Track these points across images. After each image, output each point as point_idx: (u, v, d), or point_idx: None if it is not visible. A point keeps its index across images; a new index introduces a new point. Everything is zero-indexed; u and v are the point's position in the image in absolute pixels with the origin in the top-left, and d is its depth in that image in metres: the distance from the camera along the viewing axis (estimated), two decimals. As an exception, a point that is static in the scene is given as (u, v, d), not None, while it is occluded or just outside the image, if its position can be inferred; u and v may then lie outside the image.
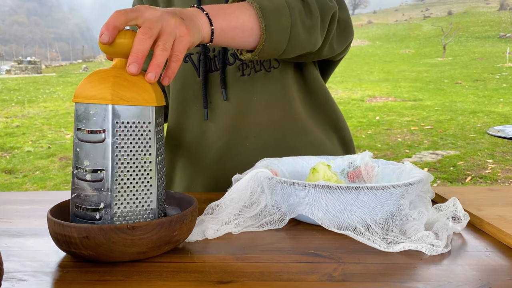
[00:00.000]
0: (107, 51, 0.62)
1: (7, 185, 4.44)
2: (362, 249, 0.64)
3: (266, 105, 1.04)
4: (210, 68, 1.04)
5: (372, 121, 7.37)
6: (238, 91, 1.03)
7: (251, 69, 1.03)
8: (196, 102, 1.05)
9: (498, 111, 7.86)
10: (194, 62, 1.05)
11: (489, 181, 4.17)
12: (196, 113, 1.06)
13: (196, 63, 1.04)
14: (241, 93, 1.03)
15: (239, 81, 1.03)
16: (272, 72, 1.04)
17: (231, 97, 1.03)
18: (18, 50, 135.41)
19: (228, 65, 1.03)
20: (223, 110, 1.03)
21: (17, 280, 0.55)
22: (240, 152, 1.03)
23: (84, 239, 0.56)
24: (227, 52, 1.03)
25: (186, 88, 1.06)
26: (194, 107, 1.06)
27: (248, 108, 1.03)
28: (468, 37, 30.38)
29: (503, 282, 0.54)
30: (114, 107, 0.59)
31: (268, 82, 1.04)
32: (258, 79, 1.03)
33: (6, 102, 11.15)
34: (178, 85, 1.07)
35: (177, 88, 1.07)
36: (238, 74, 1.03)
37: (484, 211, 0.76)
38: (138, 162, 0.61)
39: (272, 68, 1.04)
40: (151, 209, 0.62)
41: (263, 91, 1.04)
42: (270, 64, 1.03)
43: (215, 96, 1.04)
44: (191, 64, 1.05)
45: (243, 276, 0.55)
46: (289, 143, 1.04)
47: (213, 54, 1.03)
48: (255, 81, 1.03)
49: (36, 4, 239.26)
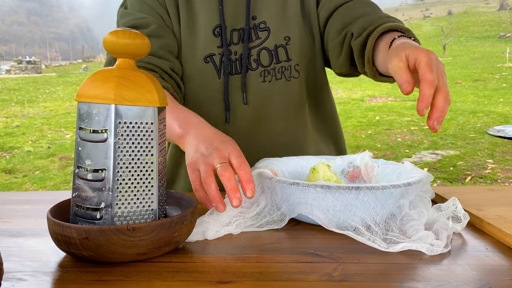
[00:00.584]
0: (112, 51, 0.62)
1: (7, 185, 4.44)
2: (362, 249, 0.64)
3: (283, 112, 1.06)
4: (231, 71, 1.04)
5: (372, 121, 7.36)
6: (257, 97, 1.04)
7: (272, 77, 1.04)
8: (213, 103, 1.05)
9: (498, 111, 7.86)
10: (215, 63, 1.04)
11: (489, 181, 4.17)
12: (212, 114, 1.05)
13: (218, 64, 1.04)
14: (260, 99, 1.04)
15: (259, 87, 1.04)
16: (291, 82, 1.06)
17: (250, 102, 1.04)
18: (18, 50, 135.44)
19: (250, 70, 1.04)
20: (241, 114, 1.04)
21: (17, 280, 0.55)
22: (252, 156, 1.03)
23: (84, 240, 0.56)
24: (250, 57, 1.04)
25: (204, 88, 1.05)
26: (211, 107, 1.05)
27: (265, 114, 1.05)
28: (468, 37, 30.38)
29: (503, 282, 0.54)
30: (117, 107, 0.59)
31: (286, 91, 1.05)
32: (277, 87, 1.05)
33: (6, 102, 11.15)
34: (196, 85, 1.06)
35: (195, 88, 1.06)
36: (259, 80, 1.04)
37: (484, 211, 0.76)
38: (140, 162, 0.61)
39: (292, 78, 1.06)
40: (152, 210, 0.62)
41: (281, 99, 1.05)
42: (291, 74, 1.05)
43: (233, 99, 1.04)
44: (212, 65, 1.04)
45: (243, 276, 0.55)
46: (299, 151, 1.07)
47: (235, 57, 1.04)
48: (275, 89, 1.05)
49: (36, 4, 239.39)
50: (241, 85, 1.03)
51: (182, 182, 1.12)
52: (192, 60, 1.04)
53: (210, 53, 1.03)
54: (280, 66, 1.04)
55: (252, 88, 1.04)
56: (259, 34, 1.04)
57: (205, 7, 1.03)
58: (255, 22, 1.04)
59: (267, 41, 1.04)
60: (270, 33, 1.04)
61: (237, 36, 1.04)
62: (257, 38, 1.04)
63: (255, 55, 1.03)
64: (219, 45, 1.03)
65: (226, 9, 1.03)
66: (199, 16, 1.04)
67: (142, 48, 0.62)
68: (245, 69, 1.03)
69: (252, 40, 1.04)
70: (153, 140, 0.61)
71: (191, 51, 1.04)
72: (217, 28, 1.03)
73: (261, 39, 1.04)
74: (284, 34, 1.04)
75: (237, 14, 1.04)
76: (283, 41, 1.04)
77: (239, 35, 1.04)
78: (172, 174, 1.14)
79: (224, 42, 1.02)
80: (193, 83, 1.06)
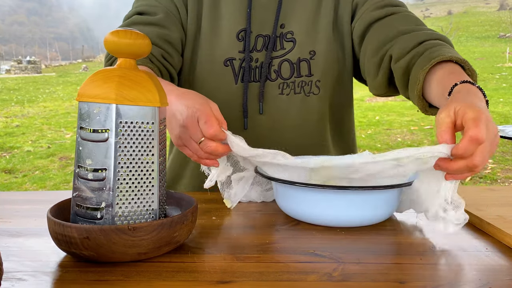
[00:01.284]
0: (113, 51, 0.62)
1: (7, 185, 4.44)
2: (362, 249, 0.64)
3: (298, 127, 1.03)
4: (249, 78, 1.01)
5: (372, 121, 7.36)
6: (273, 108, 1.02)
7: (290, 90, 1.02)
8: (229, 108, 1.01)
9: (497, 111, 7.86)
10: (234, 68, 1.02)
11: (489, 181, 4.17)
12: (227, 118, 1.03)
13: (236, 69, 1.02)
14: (276, 111, 1.02)
15: (276, 99, 1.02)
16: (310, 97, 1.03)
17: (265, 112, 1.02)
18: (18, 50, 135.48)
19: (268, 80, 1.01)
20: (256, 123, 1.02)
21: (16, 280, 0.55)
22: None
23: (85, 239, 0.56)
24: (271, 67, 1.01)
25: (219, 91, 1.02)
26: (226, 112, 1.03)
27: (280, 126, 1.02)
28: (468, 37, 30.37)
29: (502, 282, 0.54)
30: (118, 107, 0.59)
31: (304, 106, 1.03)
32: (295, 101, 1.02)
33: (6, 102, 11.15)
34: (212, 87, 1.03)
35: (210, 89, 1.02)
36: (277, 91, 1.02)
37: (484, 211, 0.76)
38: (140, 162, 0.61)
39: (311, 94, 1.03)
40: (152, 210, 0.62)
41: (298, 114, 1.03)
42: (311, 89, 1.02)
43: (249, 107, 1.02)
44: (231, 69, 1.02)
45: (243, 276, 0.55)
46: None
47: (255, 64, 1.01)
48: (292, 103, 1.02)
49: (36, 4, 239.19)
50: (258, 94, 1.01)
51: (184, 181, 1.11)
52: (211, 62, 1.02)
53: (231, 57, 1.01)
54: (300, 80, 1.02)
55: (268, 99, 1.02)
56: (284, 44, 1.02)
57: (232, 10, 1.02)
58: (283, 31, 1.02)
59: (291, 53, 1.01)
60: (295, 45, 1.01)
61: (261, 43, 1.02)
62: (281, 48, 1.02)
63: (276, 66, 1.01)
64: (240, 50, 1.01)
65: (254, 14, 1.01)
66: (223, 19, 1.02)
67: (144, 48, 0.62)
68: (264, 78, 1.01)
69: (276, 49, 1.02)
70: (154, 140, 0.61)
71: (210, 52, 1.02)
72: (241, 32, 1.01)
73: (285, 49, 1.01)
74: (310, 48, 1.02)
75: (265, 19, 1.02)
76: (308, 55, 1.01)
77: (263, 42, 1.02)
78: (171, 174, 1.13)
79: (247, 47, 1.00)
80: (208, 85, 1.03)
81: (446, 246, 0.66)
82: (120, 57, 0.63)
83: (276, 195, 0.80)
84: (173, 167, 1.13)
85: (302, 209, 0.73)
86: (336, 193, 0.70)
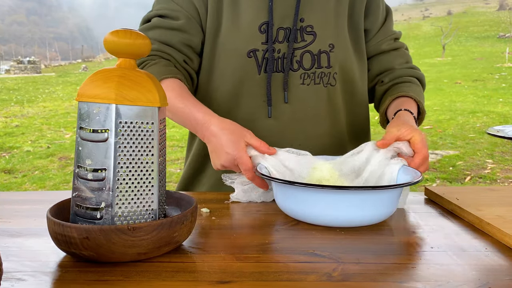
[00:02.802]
0: (113, 51, 0.62)
1: (6, 185, 4.43)
2: (362, 249, 0.64)
3: (316, 117, 1.08)
4: (273, 68, 1.05)
5: (372, 121, 7.36)
6: (295, 97, 1.06)
7: (311, 80, 1.06)
8: (251, 98, 1.06)
9: (497, 111, 7.87)
10: (258, 59, 1.05)
11: (489, 181, 4.17)
12: (252, 107, 1.06)
13: (260, 60, 1.05)
14: (297, 100, 1.06)
15: (298, 89, 1.06)
16: (328, 88, 1.08)
17: (289, 101, 1.06)
18: (17, 50, 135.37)
19: (291, 70, 1.05)
20: (280, 111, 1.06)
21: (16, 280, 0.55)
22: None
23: (85, 239, 0.56)
24: (293, 58, 1.05)
25: (243, 82, 1.06)
26: (250, 101, 1.06)
27: (300, 116, 1.07)
28: (468, 37, 30.40)
29: (502, 282, 0.54)
30: (117, 107, 0.59)
31: (322, 96, 1.08)
32: (314, 91, 1.07)
33: (6, 102, 11.15)
34: (236, 79, 1.06)
35: (234, 82, 1.06)
36: (298, 81, 1.06)
37: (484, 211, 0.76)
38: (140, 162, 0.61)
39: (329, 85, 1.08)
40: (152, 210, 0.62)
41: (316, 104, 1.07)
42: (328, 80, 1.08)
43: (273, 96, 1.06)
44: (254, 60, 1.05)
45: (243, 276, 0.55)
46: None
47: (277, 55, 1.05)
48: (311, 93, 1.07)
49: (36, 4, 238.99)
50: (282, 84, 1.05)
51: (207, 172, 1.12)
52: (233, 54, 1.05)
53: (254, 49, 1.05)
54: (320, 71, 1.07)
55: (291, 88, 1.06)
56: (305, 37, 1.06)
57: (252, 4, 1.05)
58: (302, 25, 1.06)
59: (312, 45, 1.06)
60: (316, 37, 1.06)
61: (282, 35, 1.06)
62: (302, 40, 1.06)
63: (298, 57, 1.05)
64: (263, 41, 1.05)
65: (275, 7, 1.05)
66: (245, 13, 1.05)
67: (143, 48, 0.62)
68: (288, 68, 1.05)
69: (297, 41, 1.06)
70: (153, 140, 0.61)
71: (233, 45, 1.05)
72: (263, 25, 1.05)
73: (306, 41, 1.06)
74: (330, 41, 1.07)
75: (286, 13, 1.06)
76: (327, 48, 1.07)
77: (285, 34, 1.06)
78: (196, 163, 1.14)
79: (270, 39, 1.04)
80: (233, 77, 1.07)
81: (445, 246, 0.66)
82: (120, 57, 0.63)
83: (275, 195, 0.80)
84: (192, 164, 1.14)
85: (301, 209, 0.74)
86: (336, 193, 0.70)
